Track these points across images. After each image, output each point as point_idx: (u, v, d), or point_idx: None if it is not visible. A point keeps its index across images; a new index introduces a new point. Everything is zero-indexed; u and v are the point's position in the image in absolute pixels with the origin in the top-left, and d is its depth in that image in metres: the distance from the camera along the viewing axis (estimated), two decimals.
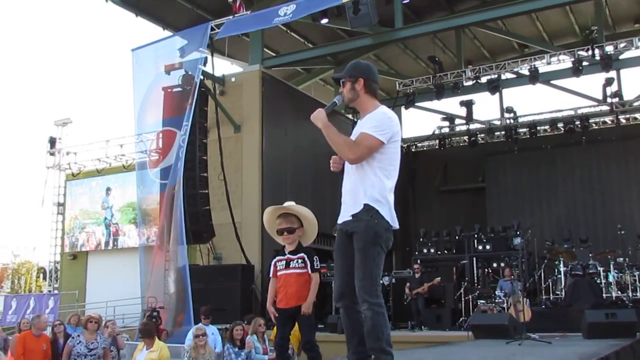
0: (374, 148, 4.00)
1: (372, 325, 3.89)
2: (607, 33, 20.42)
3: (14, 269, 38.67)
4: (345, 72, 4.27)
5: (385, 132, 4.01)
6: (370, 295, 3.91)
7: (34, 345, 9.34)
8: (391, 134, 4.04)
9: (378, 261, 3.96)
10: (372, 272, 3.93)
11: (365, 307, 3.91)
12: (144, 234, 18.88)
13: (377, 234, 3.96)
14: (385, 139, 4.01)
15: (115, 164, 22.86)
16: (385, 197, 4.02)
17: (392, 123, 4.07)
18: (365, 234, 3.95)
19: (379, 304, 3.93)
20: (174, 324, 14.88)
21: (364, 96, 4.20)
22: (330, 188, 19.49)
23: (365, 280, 3.92)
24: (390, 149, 4.07)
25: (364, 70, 4.26)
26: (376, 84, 4.28)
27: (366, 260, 3.93)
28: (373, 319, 3.88)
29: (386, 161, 4.06)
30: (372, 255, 3.94)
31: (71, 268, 24.08)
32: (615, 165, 21.88)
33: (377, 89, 4.31)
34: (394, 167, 4.10)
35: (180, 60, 17.44)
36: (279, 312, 4.67)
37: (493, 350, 8.09)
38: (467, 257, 17.54)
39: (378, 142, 4.00)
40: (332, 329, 14.59)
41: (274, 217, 4.85)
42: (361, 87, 4.18)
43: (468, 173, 24.70)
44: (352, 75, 4.22)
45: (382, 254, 3.99)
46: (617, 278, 14.84)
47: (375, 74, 4.29)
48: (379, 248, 3.96)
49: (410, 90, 21.35)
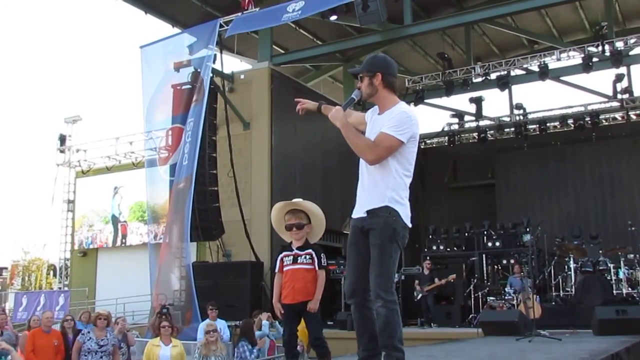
0: (394, 148, 3.93)
1: (386, 322, 3.87)
2: (617, 29, 20.33)
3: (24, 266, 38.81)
4: (363, 67, 4.17)
5: (405, 132, 3.93)
6: (386, 292, 3.89)
7: (44, 342, 9.36)
8: (411, 134, 3.97)
9: (395, 258, 3.94)
10: (388, 269, 3.91)
11: (379, 303, 3.88)
12: (153, 231, 18.94)
13: (395, 230, 3.93)
14: (405, 139, 3.94)
15: (124, 161, 22.94)
16: (404, 197, 4.00)
17: (412, 122, 3.98)
18: (383, 230, 3.92)
19: (393, 301, 3.90)
20: (183, 320, 14.94)
21: (382, 91, 4.11)
22: (339, 185, 19.57)
23: (382, 277, 3.90)
24: (409, 148, 4.01)
25: (381, 64, 4.16)
26: (394, 78, 4.18)
27: (383, 257, 3.91)
28: (387, 316, 3.86)
29: (405, 161, 4.01)
30: (389, 252, 3.92)
31: (81, 265, 24.19)
32: (626, 162, 21.76)
33: (396, 84, 4.22)
34: (412, 165, 4.05)
35: (189, 58, 17.46)
36: (285, 308, 4.65)
37: (503, 347, 8.08)
38: (476, 254, 17.53)
39: (398, 143, 3.93)
40: (342, 325, 14.62)
41: (283, 213, 4.84)
42: (379, 82, 4.10)
43: (477, 170, 24.64)
44: (370, 70, 4.12)
45: (398, 252, 3.96)
46: (627, 274, 14.79)
47: (393, 67, 4.20)
48: (396, 245, 3.94)
49: (419, 87, 21.32)
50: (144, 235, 21.90)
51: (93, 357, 8.61)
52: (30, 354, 9.18)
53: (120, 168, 23.20)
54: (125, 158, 22.80)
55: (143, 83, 18.33)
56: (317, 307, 4.63)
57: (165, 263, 16.50)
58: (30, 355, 9.17)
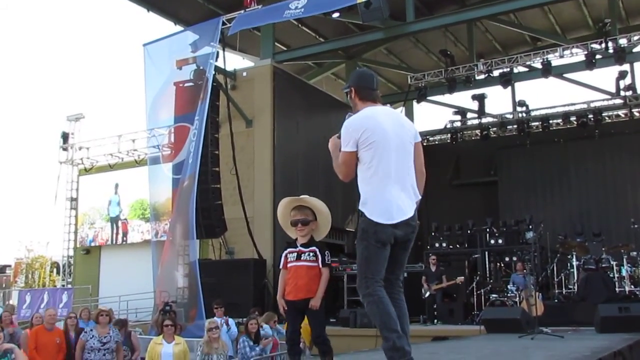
0: (347, 161, 4.10)
1: (370, 315, 4.08)
2: (620, 26, 20.27)
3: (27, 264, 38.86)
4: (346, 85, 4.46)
5: (345, 142, 4.10)
6: (360, 288, 4.08)
7: (47, 339, 9.39)
8: (352, 140, 4.08)
9: (367, 254, 4.05)
10: (361, 268, 4.08)
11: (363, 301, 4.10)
12: (154, 228, 18.96)
13: (363, 230, 4.07)
14: (350, 148, 4.07)
15: (127, 159, 22.94)
16: (371, 195, 4.09)
17: (349, 129, 4.12)
18: (357, 233, 4.18)
19: (367, 294, 4.03)
20: (187, 318, 14.96)
21: (359, 104, 4.31)
22: (342, 182, 19.47)
23: (358, 276, 4.12)
24: (364, 152, 4.09)
25: (353, 78, 4.41)
26: (370, 90, 4.35)
27: (357, 257, 4.12)
28: (367, 310, 4.05)
29: (364, 165, 4.11)
30: (360, 250, 4.09)
31: (84, 263, 24.23)
32: (629, 159, 21.71)
33: (370, 92, 4.35)
34: (372, 164, 4.09)
35: (192, 55, 17.47)
36: (288, 305, 4.66)
37: (505, 344, 8.08)
38: (479, 251, 17.51)
39: (345, 155, 4.10)
40: (345, 323, 14.64)
41: (289, 209, 4.85)
42: (354, 95, 4.34)
43: (480, 167, 24.61)
44: (347, 87, 4.39)
45: (371, 247, 4.04)
46: (630, 272, 14.78)
47: (365, 78, 4.41)
48: (366, 242, 4.05)
49: (421, 84, 21.29)
50: (145, 233, 21.93)
51: (96, 354, 8.65)
52: (32, 352, 9.20)
53: (122, 166, 23.20)
54: (128, 156, 22.80)
55: (146, 81, 18.34)
56: (319, 304, 4.63)
57: (168, 260, 16.51)
58: (32, 353, 9.19)
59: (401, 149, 4.18)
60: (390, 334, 3.91)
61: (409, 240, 4.18)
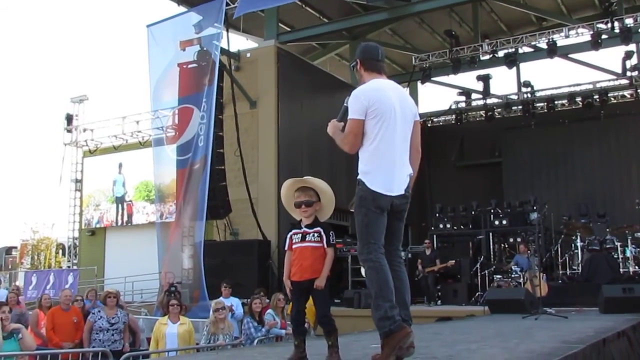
0: (355, 130, 4.12)
1: (367, 280, 4.14)
2: (627, 5, 20.15)
3: (33, 245, 38.99)
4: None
5: (355, 110, 4.12)
6: (361, 253, 4.16)
7: (64, 319, 9.51)
8: (362, 108, 4.12)
9: (367, 221, 4.13)
10: (361, 234, 4.15)
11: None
12: (159, 210, 18.98)
13: (361, 197, 4.16)
14: (360, 116, 4.11)
15: (131, 140, 22.95)
16: (373, 166, 4.15)
17: (360, 99, 4.15)
18: (355, 200, 4.21)
19: (367, 259, 4.11)
20: (191, 299, 15.03)
21: (365, 75, 4.38)
22: (346, 163, 19.51)
23: (358, 241, 4.20)
24: (370, 122, 4.13)
25: (359, 51, 4.47)
26: (376, 61, 4.42)
27: (356, 224, 4.20)
28: (366, 274, 4.14)
29: (369, 135, 4.14)
30: (359, 218, 4.17)
31: (90, 244, 24.34)
32: (634, 140, 21.65)
33: (375, 63, 4.42)
34: (378, 135, 4.13)
35: (196, 37, 17.39)
36: (293, 285, 4.67)
37: (509, 325, 8.11)
38: (483, 232, 17.52)
39: (354, 123, 4.12)
40: (349, 303, 14.70)
41: (293, 190, 4.83)
42: (360, 67, 4.40)
43: (485, 148, 24.57)
44: (354, 60, 4.46)
45: (370, 214, 4.12)
46: (634, 253, 14.79)
47: (369, 50, 4.47)
48: (364, 210, 4.13)
49: (426, 65, 21.22)
50: (150, 215, 21.98)
51: (105, 334, 8.75)
52: (50, 332, 9.36)
53: (126, 147, 23.21)
54: (132, 137, 22.81)
55: (150, 62, 18.28)
56: (324, 284, 4.64)
57: (174, 242, 16.56)
58: (50, 334, 9.34)
59: (404, 123, 4.25)
60: (383, 303, 3.96)
61: (404, 210, 4.27)
